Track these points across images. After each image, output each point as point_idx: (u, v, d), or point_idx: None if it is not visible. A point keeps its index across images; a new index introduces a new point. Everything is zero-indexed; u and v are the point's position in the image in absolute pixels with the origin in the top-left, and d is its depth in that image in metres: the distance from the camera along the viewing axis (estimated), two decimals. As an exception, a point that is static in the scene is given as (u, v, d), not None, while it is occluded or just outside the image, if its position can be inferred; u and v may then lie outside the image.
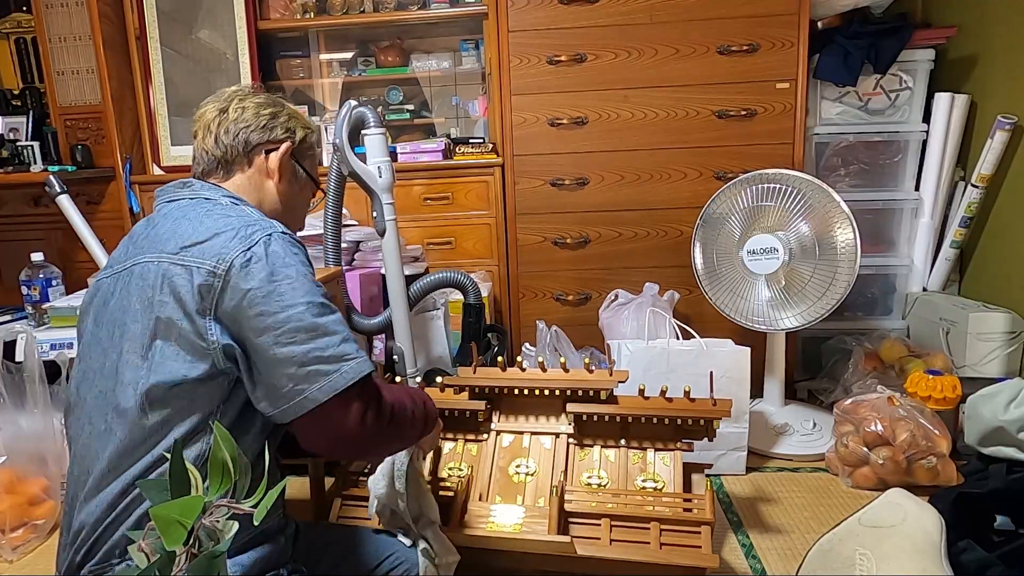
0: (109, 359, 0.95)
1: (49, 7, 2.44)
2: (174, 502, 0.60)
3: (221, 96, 1.12)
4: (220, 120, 1.09)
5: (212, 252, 0.91)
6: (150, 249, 0.96)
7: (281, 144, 1.11)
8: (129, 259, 0.98)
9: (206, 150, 1.09)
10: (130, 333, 0.93)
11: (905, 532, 1.21)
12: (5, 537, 1.64)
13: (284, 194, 1.13)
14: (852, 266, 1.86)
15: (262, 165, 1.10)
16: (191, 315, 0.90)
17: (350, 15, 2.51)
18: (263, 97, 1.13)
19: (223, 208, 1.00)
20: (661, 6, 2.16)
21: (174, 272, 0.91)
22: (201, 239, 0.93)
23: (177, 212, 1.00)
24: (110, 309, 0.97)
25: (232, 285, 0.89)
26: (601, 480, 1.40)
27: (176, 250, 0.93)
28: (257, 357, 0.90)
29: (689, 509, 1.32)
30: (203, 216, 0.97)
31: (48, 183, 2.11)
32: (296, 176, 1.16)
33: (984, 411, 1.55)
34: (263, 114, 1.11)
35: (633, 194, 2.28)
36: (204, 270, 0.90)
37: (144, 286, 0.93)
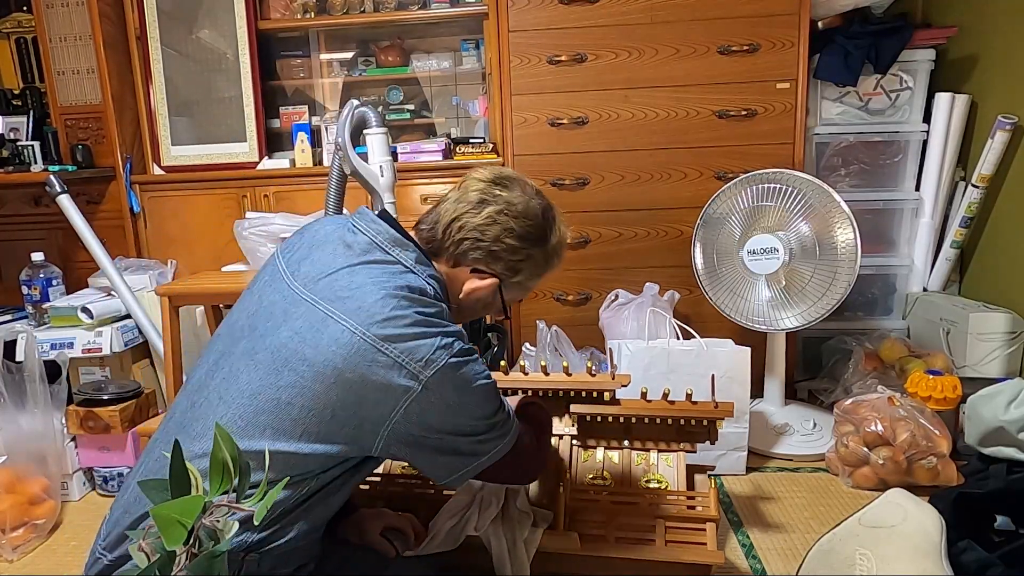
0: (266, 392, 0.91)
1: (49, 7, 2.44)
2: (174, 502, 0.60)
3: (496, 186, 1.03)
4: (472, 212, 1.01)
5: (419, 355, 0.90)
6: (355, 312, 0.91)
7: (489, 278, 1.04)
8: (323, 298, 0.93)
9: (438, 220, 1.03)
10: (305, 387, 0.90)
11: (905, 532, 1.21)
12: (5, 537, 1.64)
13: (464, 305, 1.07)
14: (852, 266, 1.86)
15: (461, 276, 1.05)
16: (374, 404, 0.90)
17: (350, 15, 2.51)
18: (529, 223, 1.03)
19: (429, 304, 0.95)
20: (661, 6, 2.15)
21: (379, 360, 0.89)
22: (407, 335, 0.90)
23: (384, 277, 0.95)
24: (283, 337, 0.92)
25: (432, 392, 0.91)
26: (605, 481, 1.41)
27: (383, 335, 0.89)
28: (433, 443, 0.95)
29: (693, 507, 1.32)
30: (411, 305, 0.93)
31: (48, 183, 2.12)
32: (486, 300, 1.08)
33: (984, 411, 1.55)
34: (503, 243, 1.02)
35: (633, 194, 2.27)
36: (408, 371, 0.90)
37: (338, 354, 0.89)
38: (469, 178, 1.06)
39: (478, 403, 0.97)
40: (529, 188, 1.07)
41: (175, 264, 2.48)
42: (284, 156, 2.55)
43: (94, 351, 2.01)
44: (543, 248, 1.06)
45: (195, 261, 2.49)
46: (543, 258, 1.07)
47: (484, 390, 0.97)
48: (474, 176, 1.05)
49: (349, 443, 0.92)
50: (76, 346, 2.00)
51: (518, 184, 1.06)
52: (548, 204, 1.09)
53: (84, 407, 1.85)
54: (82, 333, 2.01)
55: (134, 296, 2.11)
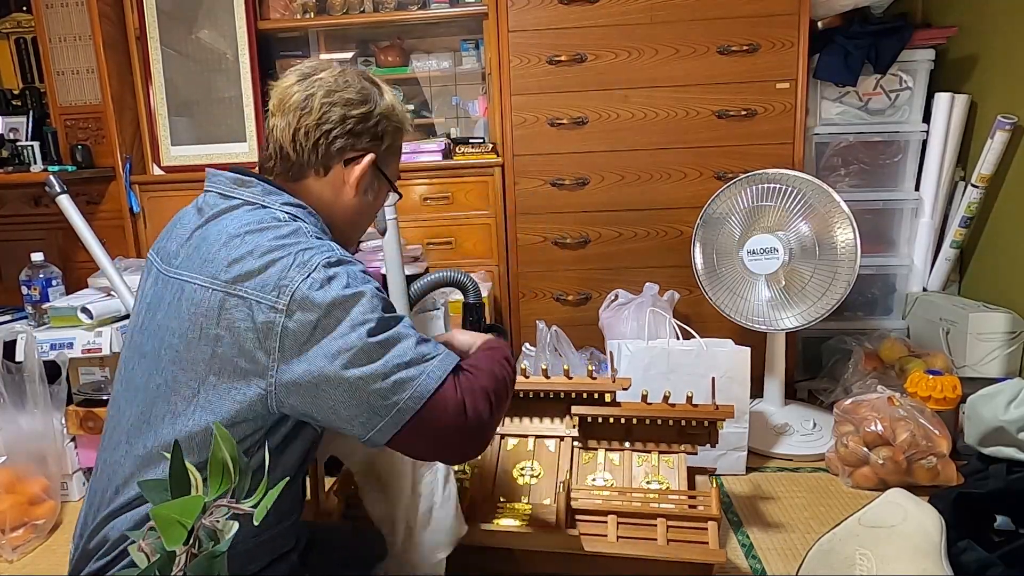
0: (153, 380, 0.89)
1: (49, 7, 2.44)
2: (174, 502, 0.60)
3: (311, 76, 0.98)
4: (301, 113, 0.96)
5: (271, 284, 0.84)
6: (202, 267, 0.88)
7: (365, 155, 0.99)
8: (181, 267, 0.91)
9: (281, 145, 0.97)
10: (180, 359, 0.87)
11: (905, 532, 1.21)
12: (5, 537, 1.64)
13: (358, 205, 1.02)
14: (852, 266, 1.86)
15: (339, 176, 0.99)
16: (251, 352, 0.84)
17: (350, 15, 2.51)
18: (357, 88, 0.99)
19: (280, 226, 0.90)
20: (661, 6, 2.15)
21: (231, 304, 0.85)
22: (256, 268, 0.85)
23: (230, 222, 0.91)
24: (158, 320, 0.91)
25: (296, 319, 0.83)
26: (606, 482, 1.41)
27: (230, 278, 0.86)
28: (334, 386, 0.83)
29: (695, 506, 1.33)
30: (257, 235, 0.88)
31: (48, 183, 2.11)
32: (374, 185, 1.04)
33: (984, 411, 1.55)
34: (352, 116, 0.97)
35: (633, 194, 2.27)
36: (265, 305, 0.83)
37: (197, 313, 0.86)
38: (277, 89, 0.99)
39: (356, 318, 0.84)
40: (329, 62, 1.03)
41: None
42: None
43: (94, 351, 2.00)
44: (384, 102, 1.02)
45: (195, 261, 2.48)
46: (393, 111, 1.03)
47: (362, 303, 0.85)
48: (282, 85, 0.99)
49: (244, 405, 0.85)
50: (76, 346, 2.00)
51: (320, 65, 1.01)
52: (353, 67, 1.05)
53: (84, 407, 1.85)
54: (82, 333, 2.01)
55: (134, 296, 2.10)
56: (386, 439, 0.86)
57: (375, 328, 0.84)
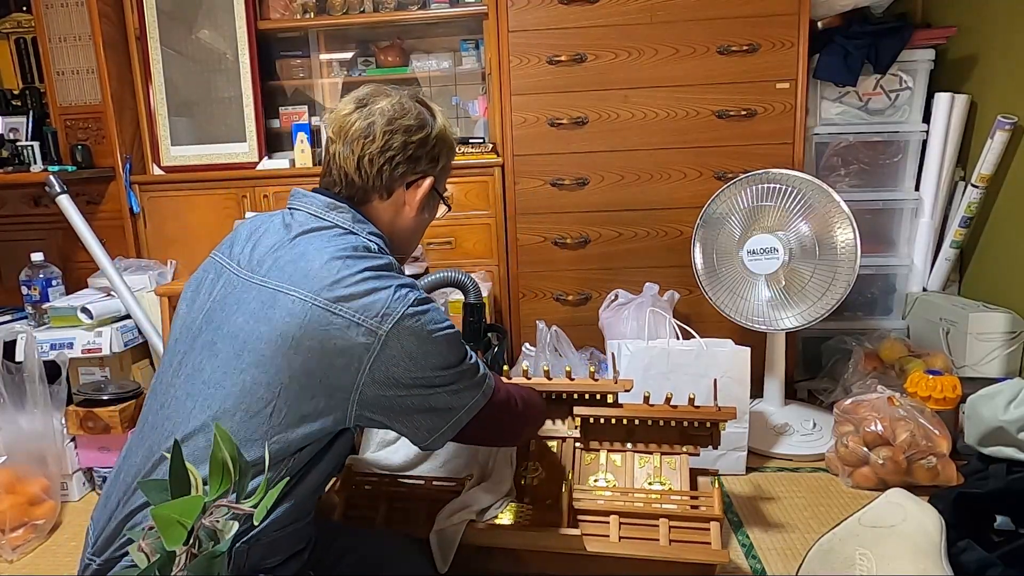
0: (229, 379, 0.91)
1: (49, 7, 2.44)
2: (174, 502, 0.61)
3: (366, 106, 1.03)
4: (365, 142, 1.01)
5: (374, 311, 0.90)
6: (301, 281, 0.92)
7: (425, 178, 1.06)
8: (270, 276, 0.94)
9: (346, 172, 1.03)
10: (264, 363, 0.90)
11: (905, 532, 1.21)
12: (5, 537, 1.64)
13: (417, 223, 1.10)
14: (852, 266, 1.86)
15: (401, 198, 1.06)
16: (342, 369, 0.90)
17: (350, 15, 2.51)
18: (414, 115, 1.05)
19: (374, 257, 0.97)
20: (661, 6, 2.16)
21: (330, 321, 0.89)
22: (359, 292, 0.91)
23: (326, 244, 0.96)
24: (238, 323, 0.93)
25: (392, 344, 0.90)
26: (608, 483, 1.41)
27: (332, 297, 0.90)
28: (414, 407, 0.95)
29: (697, 506, 1.32)
30: (358, 262, 0.94)
31: (48, 183, 2.12)
32: (430, 204, 1.11)
33: (984, 411, 1.55)
34: (412, 142, 1.03)
35: (633, 194, 2.28)
36: (365, 328, 0.89)
37: (291, 324, 0.90)
38: (335, 116, 1.05)
39: (443, 350, 0.95)
40: (383, 88, 1.08)
41: (175, 264, 2.48)
42: (284, 156, 2.55)
43: (94, 351, 2.01)
44: (438, 124, 1.08)
45: (195, 261, 2.47)
46: (444, 133, 1.09)
47: (447, 337, 0.96)
48: (341, 113, 1.04)
49: (322, 416, 0.91)
50: (76, 346, 2.00)
51: (375, 92, 1.06)
52: (404, 91, 1.09)
53: (84, 407, 1.85)
54: (82, 333, 2.01)
55: (134, 296, 2.10)
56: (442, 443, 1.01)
57: (454, 361, 0.97)
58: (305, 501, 0.98)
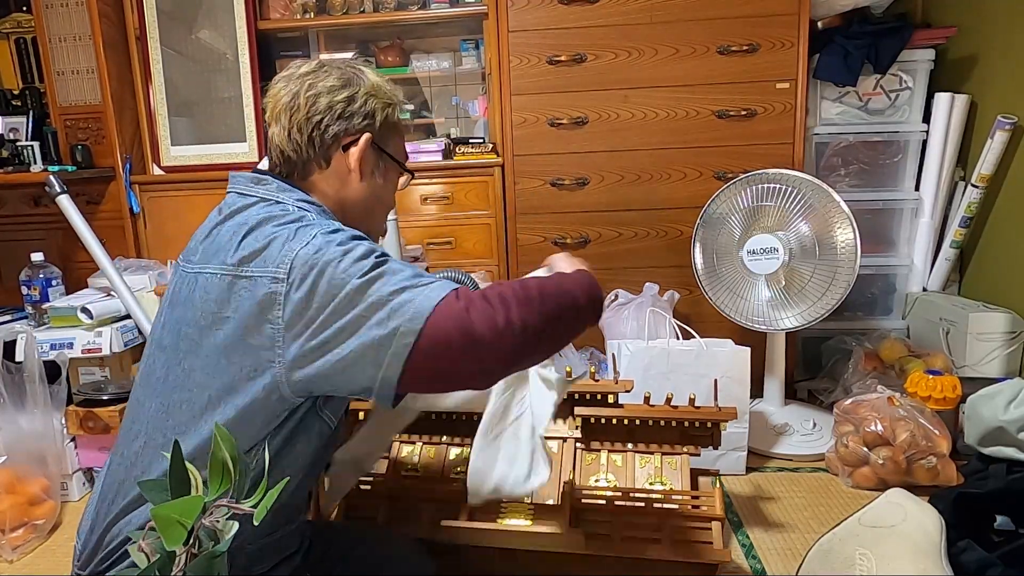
0: (172, 372, 0.90)
1: (49, 7, 2.44)
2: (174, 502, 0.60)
3: (293, 75, 0.99)
4: (291, 113, 0.97)
5: (272, 257, 0.85)
6: (214, 256, 0.90)
7: (360, 136, 0.99)
8: (199, 261, 0.92)
9: (280, 147, 0.99)
10: (195, 347, 0.88)
11: (905, 532, 1.21)
12: (5, 537, 1.64)
13: (368, 190, 1.02)
14: (852, 266, 1.86)
15: (341, 163, 0.99)
16: (256, 328, 0.84)
17: (350, 15, 2.51)
18: (336, 75, 0.99)
19: (287, 214, 0.92)
20: (661, 6, 2.16)
21: (239, 286, 0.86)
22: (259, 247, 0.86)
23: (244, 217, 0.93)
24: (176, 314, 0.92)
25: (296, 286, 0.83)
26: (609, 483, 1.41)
27: (235, 260, 0.87)
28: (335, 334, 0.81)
29: (698, 506, 1.32)
30: (265, 224, 0.90)
31: (48, 183, 2.12)
32: (379, 166, 1.03)
33: (984, 411, 1.55)
34: (337, 101, 0.97)
35: (633, 194, 2.27)
36: (266, 278, 0.84)
37: (207, 299, 0.87)
38: (268, 95, 1.01)
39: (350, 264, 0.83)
40: (307, 60, 1.04)
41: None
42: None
43: (94, 351, 2.00)
44: (368, 81, 1.02)
45: (195, 261, 2.48)
46: (378, 89, 1.03)
47: (350, 249, 0.85)
48: (270, 92, 1.01)
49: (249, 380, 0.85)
50: (76, 346, 2.00)
51: (299, 63, 1.02)
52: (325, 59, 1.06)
53: (84, 407, 1.85)
54: (82, 333, 2.01)
55: (134, 296, 2.10)
56: (396, 374, 0.80)
57: (368, 268, 0.83)
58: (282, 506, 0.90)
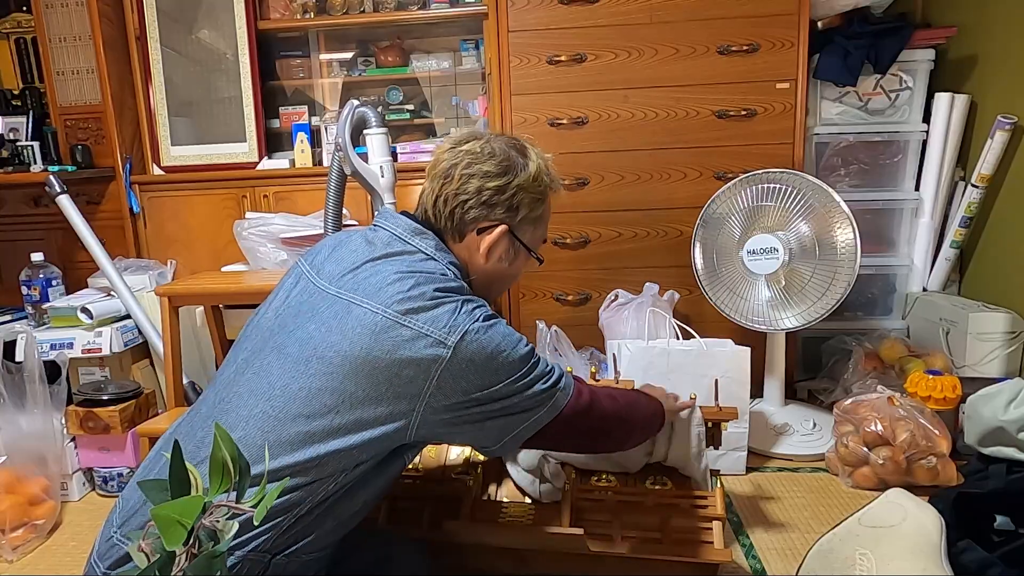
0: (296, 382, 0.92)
1: (49, 7, 2.44)
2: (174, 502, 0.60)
3: (457, 146, 1.05)
4: (444, 182, 1.04)
5: (441, 323, 0.92)
6: (374, 295, 0.94)
7: (496, 226, 1.05)
8: (347, 289, 0.96)
9: (425, 208, 1.07)
10: (332, 372, 0.91)
11: (905, 532, 1.21)
12: (5, 537, 1.64)
13: (493, 271, 1.09)
14: (852, 266, 1.86)
15: (473, 243, 1.06)
16: (409, 379, 0.91)
17: (350, 15, 2.51)
18: (499, 160, 1.04)
19: (446, 280, 0.98)
20: (661, 6, 2.15)
21: (399, 333, 0.91)
22: (427, 305, 0.93)
23: (402, 264, 0.98)
24: (310, 330, 0.94)
25: (459, 357, 0.91)
26: (610, 482, 1.41)
27: (402, 310, 0.92)
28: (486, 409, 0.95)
29: (699, 506, 1.33)
30: (429, 282, 0.95)
31: (48, 183, 2.12)
32: (509, 253, 1.09)
33: (984, 411, 1.55)
34: (487, 189, 1.03)
35: (633, 194, 2.27)
36: (432, 339, 0.91)
37: (363, 334, 0.91)
38: (435, 153, 1.08)
39: (513, 359, 0.96)
40: (488, 134, 1.08)
41: (175, 264, 2.48)
42: (284, 156, 2.55)
43: (94, 351, 2.01)
44: (526, 173, 1.06)
45: (195, 261, 2.49)
46: (532, 182, 1.07)
47: (515, 343, 0.97)
48: (438, 150, 1.08)
49: (383, 423, 0.92)
50: (76, 346, 2.00)
51: (476, 135, 1.07)
52: (512, 136, 1.10)
53: (84, 407, 1.85)
54: (82, 333, 2.01)
55: (134, 296, 2.11)
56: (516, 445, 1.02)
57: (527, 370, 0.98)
58: (348, 520, 0.99)
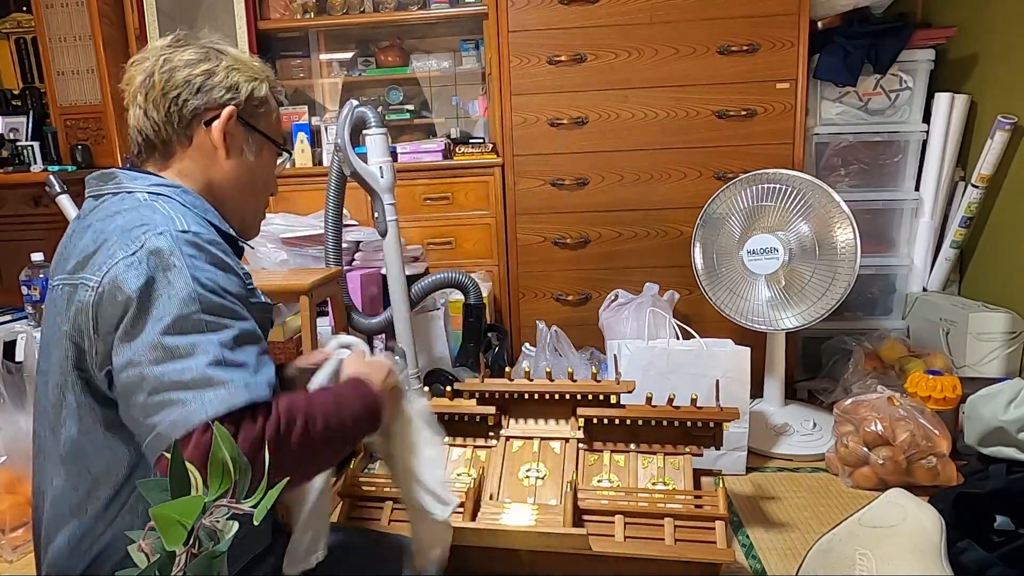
0: (47, 397, 0.85)
1: (49, 7, 2.44)
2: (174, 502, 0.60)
3: (148, 53, 0.93)
4: (146, 90, 0.90)
5: (97, 264, 0.78)
6: (59, 266, 0.85)
7: (222, 109, 0.91)
8: (55, 275, 0.87)
9: (138, 129, 0.92)
10: (52, 368, 0.83)
11: (905, 532, 1.21)
12: (5, 537, 1.64)
13: (238, 169, 0.94)
14: (852, 266, 1.86)
15: (204, 140, 0.91)
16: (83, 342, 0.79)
17: (350, 15, 2.51)
18: (194, 50, 0.92)
19: (137, 207, 0.83)
20: (661, 6, 2.16)
21: (74, 295, 0.79)
22: (91, 251, 0.79)
23: (92, 217, 0.85)
24: (44, 336, 0.87)
25: (108, 299, 0.76)
26: (612, 484, 1.41)
27: (71, 267, 0.81)
28: (116, 380, 0.76)
29: (701, 506, 1.32)
30: (101, 218, 0.83)
31: (48, 183, 2.12)
32: (250, 143, 0.95)
33: (984, 411, 1.55)
34: (195, 75, 0.90)
35: (633, 194, 2.27)
36: (87, 285, 0.78)
37: (53, 313, 0.83)
38: (123, 80, 0.95)
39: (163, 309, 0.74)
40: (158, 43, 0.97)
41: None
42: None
43: (94, 351, 2.00)
44: (230, 55, 0.94)
45: (195, 261, 2.48)
46: (242, 63, 0.95)
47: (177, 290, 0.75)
48: (125, 76, 0.95)
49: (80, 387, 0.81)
50: (76, 346, 2.00)
51: (150, 45, 0.96)
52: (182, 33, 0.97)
53: (84, 407, 1.85)
54: (82, 333, 2.01)
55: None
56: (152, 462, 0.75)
57: (170, 326, 0.74)
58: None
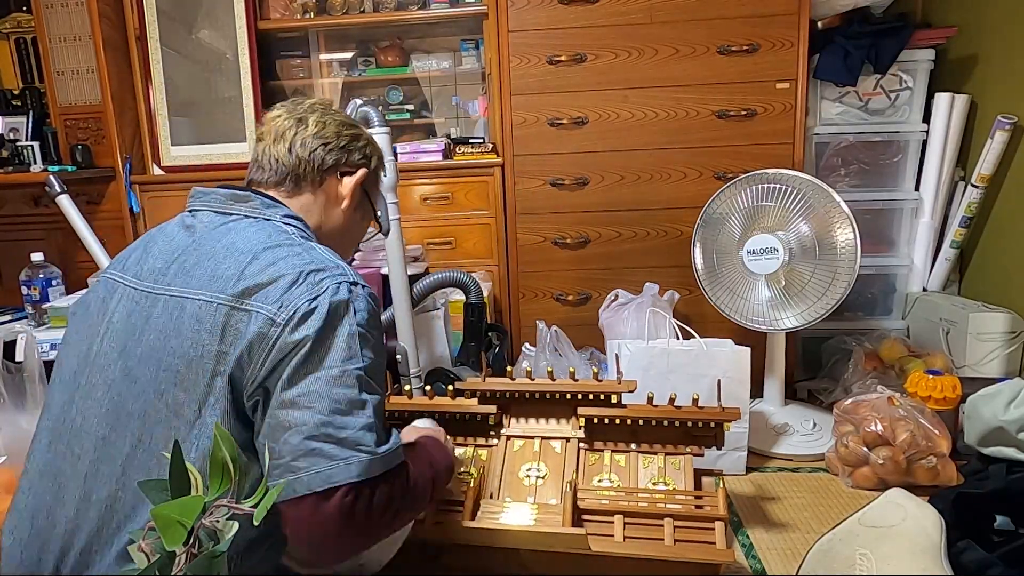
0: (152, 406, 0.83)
1: (49, 7, 2.44)
2: (174, 502, 0.60)
3: (298, 106, 1.06)
4: (297, 130, 1.02)
5: (275, 297, 0.82)
6: (209, 283, 0.85)
7: (357, 170, 1.06)
8: (175, 284, 0.87)
9: (276, 158, 1.01)
10: (182, 380, 0.82)
11: (905, 532, 1.21)
12: (5, 537, 1.64)
13: (347, 223, 1.07)
14: (852, 266, 1.86)
15: (334, 189, 1.04)
16: (244, 365, 0.81)
17: (350, 15, 2.51)
18: (344, 116, 1.08)
19: (287, 239, 0.89)
20: (661, 6, 2.16)
21: (236, 319, 0.82)
22: (265, 281, 0.83)
23: (236, 237, 0.89)
24: (150, 342, 0.85)
25: (286, 335, 0.81)
26: (613, 483, 1.41)
27: (236, 292, 0.83)
28: (271, 414, 0.80)
29: (701, 506, 1.33)
30: (264, 248, 0.87)
31: (48, 183, 2.12)
32: (362, 206, 1.10)
33: (984, 411, 1.55)
34: (345, 134, 1.04)
35: (633, 194, 2.27)
36: (262, 316, 0.81)
37: (200, 330, 0.83)
38: (265, 119, 1.06)
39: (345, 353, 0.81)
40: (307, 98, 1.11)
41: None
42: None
43: (94, 351, 2.00)
44: (369, 132, 1.12)
45: (195, 261, 2.48)
46: (375, 143, 1.12)
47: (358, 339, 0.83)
48: (269, 116, 1.06)
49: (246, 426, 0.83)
50: (76, 346, 1.99)
51: (304, 99, 1.10)
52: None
53: (84, 407, 1.85)
54: (82, 333, 2.01)
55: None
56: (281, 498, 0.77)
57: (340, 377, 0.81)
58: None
